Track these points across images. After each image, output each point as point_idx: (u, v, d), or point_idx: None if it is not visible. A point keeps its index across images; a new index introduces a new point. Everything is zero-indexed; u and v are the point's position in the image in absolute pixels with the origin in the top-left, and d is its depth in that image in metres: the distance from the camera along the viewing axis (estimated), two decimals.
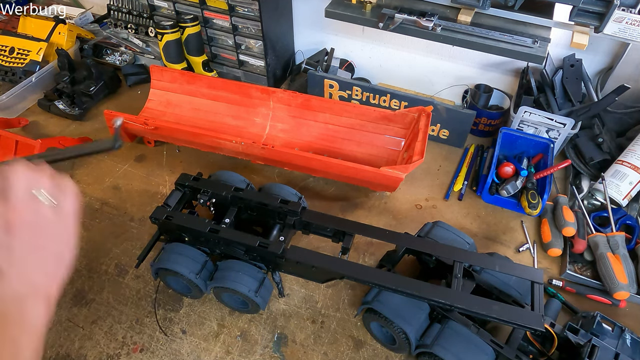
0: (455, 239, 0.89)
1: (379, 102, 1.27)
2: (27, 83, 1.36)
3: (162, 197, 1.14)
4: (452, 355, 0.73)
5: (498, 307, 0.71)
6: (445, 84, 1.36)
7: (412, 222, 1.08)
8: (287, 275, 0.96)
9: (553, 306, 0.87)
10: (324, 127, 1.23)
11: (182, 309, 0.93)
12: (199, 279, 0.84)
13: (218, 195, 0.91)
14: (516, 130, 1.15)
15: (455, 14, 1.13)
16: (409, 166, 0.98)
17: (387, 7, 1.15)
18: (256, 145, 1.06)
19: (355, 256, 1.01)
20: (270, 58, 1.35)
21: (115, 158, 1.25)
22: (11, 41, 1.45)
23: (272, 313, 0.92)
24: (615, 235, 0.95)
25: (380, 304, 0.79)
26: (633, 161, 1.05)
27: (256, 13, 1.24)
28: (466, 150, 1.25)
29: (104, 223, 1.08)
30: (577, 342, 0.75)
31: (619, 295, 0.89)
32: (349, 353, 0.86)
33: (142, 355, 0.86)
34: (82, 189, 1.16)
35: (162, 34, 1.30)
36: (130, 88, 1.49)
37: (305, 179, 1.19)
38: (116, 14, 1.48)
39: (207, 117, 1.31)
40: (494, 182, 1.10)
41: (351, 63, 1.43)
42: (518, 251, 1.02)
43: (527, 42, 1.05)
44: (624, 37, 0.99)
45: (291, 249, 0.82)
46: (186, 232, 0.87)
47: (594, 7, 0.98)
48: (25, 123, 1.34)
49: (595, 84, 1.18)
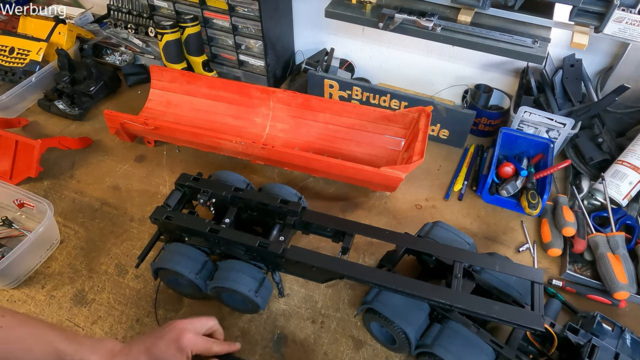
0: (455, 239, 0.89)
1: (379, 102, 1.27)
2: (27, 83, 1.36)
3: (162, 197, 1.14)
4: (452, 355, 0.73)
5: (498, 307, 0.71)
6: (445, 84, 1.36)
7: (412, 222, 1.08)
8: (287, 275, 0.96)
9: (553, 306, 0.87)
10: (324, 127, 1.24)
11: (182, 309, 0.93)
12: (199, 279, 0.84)
13: (218, 195, 0.91)
14: (516, 130, 1.15)
15: (455, 14, 1.13)
16: (409, 166, 0.98)
17: (387, 7, 1.15)
18: (256, 145, 1.06)
19: (355, 256, 1.01)
20: (270, 58, 1.35)
21: (115, 158, 1.25)
22: (11, 41, 1.45)
23: (272, 313, 0.92)
24: (615, 235, 0.95)
25: (380, 304, 0.79)
26: (633, 161, 1.05)
27: (256, 13, 1.24)
28: (466, 150, 1.25)
29: (104, 223, 1.08)
30: (577, 342, 0.75)
31: (619, 295, 0.89)
32: (349, 353, 0.86)
33: None
34: (82, 188, 1.16)
35: (162, 34, 1.30)
36: (130, 88, 1.49)
37: (305, 179, 1.19)
38: (116, 14, 1.48)
39: (207, 117, 1.31)
40: (494, 182, 1.10)
41: (351, 63, 1.43)
42: (518, 251, 1.02)
43: (527, 42, 1.05)
44: (624, 37, 0.99)
45: (291, 249, 0.82)
46: (186, 232, 0.87)
47: (594, 7, 0.98)
48: (25, 123, 1.34)
49: (595, 84, 1.18)
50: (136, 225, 1.08)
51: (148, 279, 0.97)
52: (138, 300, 0.94)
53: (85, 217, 1.09)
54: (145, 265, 0.96)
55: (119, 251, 1.03)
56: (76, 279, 0.98)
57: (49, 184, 1.17)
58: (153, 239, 0.91)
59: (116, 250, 1.03)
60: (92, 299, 0.94)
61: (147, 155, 1.26)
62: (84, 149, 1.27)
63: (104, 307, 0.93)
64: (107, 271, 0.99)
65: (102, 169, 1.22)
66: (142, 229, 1.07)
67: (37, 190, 1.15)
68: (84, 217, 1.09)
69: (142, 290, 0.96)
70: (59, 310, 0.92)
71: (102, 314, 0.92)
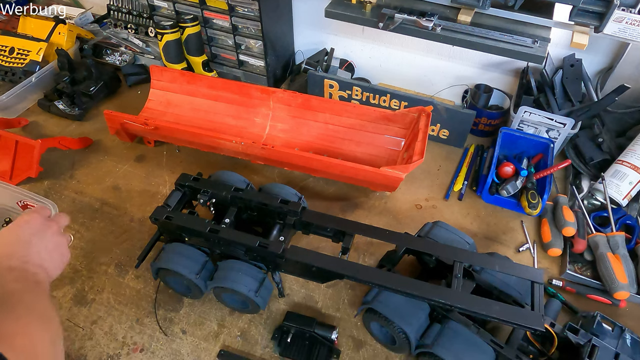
0: (455, 239, 0.89)
1: (379, 102, 1.27)
2: (27, 83, 1.36)
3: (162, 197, 1.14)
4: (452, 355, 0.73)
5: (498, 307, 0.71)
6: (445, 84, 1.36)
7: (412, 222, 1.08)
8: (287, 275, 0.96)
9: (553, 306, 0.87)
10: (324, 127, 1.23)
11: (182, 309, 0.93)
12: (199, 279, 0.84)
13: (218, 195, 0.91)
14: (516, 130, 1.15)
15: (455, 14, 1.13)
16: (409, 166, 0.98)
17: (387, 7, 1.15)
18: (256, 145, 1.06)
19: (355, 256, 1.01)
20: (270, 58, 1.35)
21: (115, 158, 1.25)
22: (11, 41, 1.45)
23: (272, 313, 0.92)
24: (615, 235, 0.95)
25: (380, 304, 0.79)
26: (633, 161, 1.05)
27: (256, 13, 1.24)
28: (466, 150, 1.25)
29: (104, 223, 1.08)
30: (577, 342, 0.75)
31: (619, 295, 0.89)
32: (349, 353, 0.86)
33: (142, 355, 0.86)
34: (82, 189, 1.16)
35: (162, 34, 1.30)
36: (130, 88, 1.49)
37: (305, 179, 1.19)
38: (116, 14, 1.48)
39: (207, 117, 1.31)
40: (494, 182, 1.10)
41: (351, 63, 1.43)
42: (518, 251, 1.02)
43: (527, 42, 1.05)
44: (624, 37, 0.99)
45: (291, 249, 0.82)
46: (186, 232, 0.87)
47: (594, 7, 0.98)
48: (25, 123, 1.34)
49: (595, 84, 1.18)
50: (136, 225, 1.08)
51: (148, 279, 0.97)
52: (138, 300, 0.94)
53: (85, 217, 1.09)
54: (145, 265, 0.96)
55: (119, 251, 1.03)
56: (76, 279, 0.98)
57: (49, 184, 1.17)
58: (153, 239, 0.91)
59: (116, 250, 1.03)
60: (92, 299, 0.94)
61: (147, 155, 1.26)
62: (84, 149, 1.27)
63: (104, 307, 0.93)
64: (107, 271, 0.99)
65: (102, 169, 1.22)
66: (142, 229, 1.07)
67: (37, 190, 1.15)
68: (84, 217, 1.09)
69: (142, 290, 0.96)
70: (59, 310, 0.92)
71: (102, 314, 0.92)
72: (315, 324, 0.85)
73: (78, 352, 0.87)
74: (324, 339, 0.84)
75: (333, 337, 0.85)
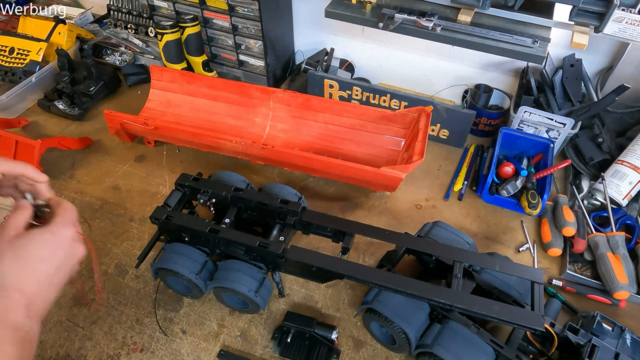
0: (455, 239, 0.89)
1: (379, 102, 1.27)
2: (27, 83, 1.36)
3: (162, 197, 1.14)
4: (452, 355, 0.73)
5: (498, 307, 0.71)
6: (445, 84, 1.36)
7: (412, 222, 1.08)
8: (287, 275, 0.96)
9: (553, 306, 0.87)
10: (324, 127, 1.23)
11: (182, 309, 0.93)
12: (199, 279, 0.84)
13: (218, 195, 0.91)
14: (516, 130, 1.15)
15: (455, 14, 1.13)
16: (409, 166, 0.98)
17: (387, 7, 1.15)
18: (256, 145, 1.06)
19: (355, 256, 1.01)
20: (270, 58, 1.35)
21: (115, 158, 1.25)
22: (11, 41, 1.45)
23: (272, 313, 0.92)
24: (615, 235, 0.95)
25: (380, 304, 0.79)
26: (633, 161, 1.05)
27: (256, 13, 1.24)
28: (466, 150, 1.25)
29: (104, 223, 1.08)
30: (577, 342, 0.75)
31: (619, 295, 0.89)
32: (349, 353, 0.86)
33: (142, 355, 0.86)
34: (82, 189, 1.16)
35: (162, 34, 1.30)
36: (130, 88, 1.49)
37: (305, 179, 1.19)
38: (116, 14, 1.48)
39: (207, 117, 1.31)
40: (494, 182, 1.10)
41: (351, 63, 1.43)
42: (518, 251, 1.02)
43: (527, 42, 1.05)
44: (624, 37, 0.99)
45: (291, 249, 0.82)
46: (186, 232, 0.87)
47: (594, 7, 0.98)
48: (25, 123, 1.34)
49: (595, 84, 1.18)
50: (136, 225, 1.08)
51: (148, 279, 0.97)
52: (138, 300, 0.94)
53: (85, 217, 1.09)
54: (145, 265, 0.96)
55: (119, 251, 1.03)
56: (76, 279, 0.97)
57: None
58: (153, 239, 0.91)
59: (116, 250, 1.03)
60: (92, 299, 0.94)
61: (147, 155, 1.26)
62: (84, 149, 1.27)
63: (103, 307, 0.93)
64: (107, 271, 0.99)
65: (102, 169, 1.22)
66: (142, 229, 1.07)
67: None
68: (84, 217, 1.09)
69: (142, 290, 0.96)
70: (59, 311, 0.92)
71: (102, 314, 0.92)
72: (315, 324, 0.85)
73: (78, 352, 0.87)
74: (324, 339, 0.84)
75: (333, 337, 0.85)
